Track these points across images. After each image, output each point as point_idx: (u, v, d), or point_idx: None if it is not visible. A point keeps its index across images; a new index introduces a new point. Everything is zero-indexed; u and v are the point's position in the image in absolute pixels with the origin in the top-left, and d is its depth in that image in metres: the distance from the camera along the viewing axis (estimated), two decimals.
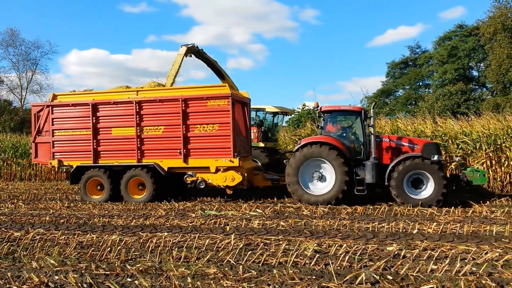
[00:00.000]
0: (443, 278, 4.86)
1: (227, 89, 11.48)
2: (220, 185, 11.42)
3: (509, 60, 28.02)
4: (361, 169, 10.76)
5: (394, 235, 7.15)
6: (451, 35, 42.52)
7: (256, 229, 7.76)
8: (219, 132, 11.30)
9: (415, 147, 10.99)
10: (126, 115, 11.95)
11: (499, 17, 29.92)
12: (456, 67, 39.20)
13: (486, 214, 8.96)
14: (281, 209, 10.08)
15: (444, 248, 6.25)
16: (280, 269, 5.26)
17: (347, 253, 5.95)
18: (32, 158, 13.14)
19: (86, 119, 12.25)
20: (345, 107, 11.64)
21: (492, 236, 6.93)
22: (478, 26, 35.09)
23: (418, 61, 46.85)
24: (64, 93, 13.62)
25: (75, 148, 12.44)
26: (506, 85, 31.15)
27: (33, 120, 12.88)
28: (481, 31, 32.26)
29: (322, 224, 8.04)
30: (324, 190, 10.69)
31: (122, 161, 12.04)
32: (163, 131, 11.72)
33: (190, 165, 11.56)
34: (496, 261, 5.49)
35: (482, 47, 36.70)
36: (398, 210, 9.53)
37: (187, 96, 11.54)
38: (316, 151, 10.64)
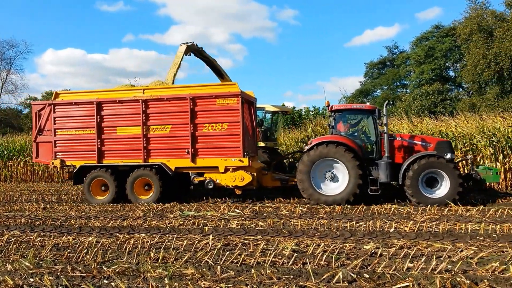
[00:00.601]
0: (419, 276, 4.92)
1: (237, 88, 11.29)
2: (229, 185, 11.26)
3: (484, 60, 28.64)
4: (374, 169, 10.63)
5: (371, 234, 7.23)
6: (428, 35, 43.36)
7: (234, 230, 7.75)
8: (228, 131, 11.15)
9: (428, 145, 10.93)
10: (132, 114, 11.72)
11: (475, 18, 30.59)
12: (433, 67, 39.99)
13: (462, 212, 9.13)
14: (260, 209, 10.08)
15: (420, 246, 6.35)
16: (258, 269, 5.26)
17: (325, 252, 5.99)
18: (33, 158, 12.80)
19: (90, 118, 11.97)
20: (357, 106, 11.67)
21: (467, 234, 7.06)
22: (455, 26, 35.84)
23: (396, 62, 47.63)
24: (66, 91, 13.25)
25: (78, 147, 12.12)
26: (482, 85, 31.89)
27: (34, 119, 12.52)
28: (457, 31, 32.93)
29: (301, 223, 8.07)
30: (336, 190, 10.55)
31: (128, 161, 11.77)
32: (170, 130, 11.53)
33: (198, 164, 11.37)
34: (471, 259, 5.59)
35: (459, 47, 37.52)
36: (375, 209, 9.64)
37: (195, 95, 11.37)
38: (328, 151, 10.48)
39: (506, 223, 7.68)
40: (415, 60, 42.07)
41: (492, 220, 8.16)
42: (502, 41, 27.67)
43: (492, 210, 9.07)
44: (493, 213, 8.86)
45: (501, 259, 5.55)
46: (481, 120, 15.27)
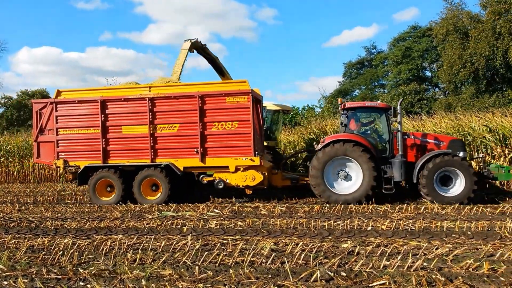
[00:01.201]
0: (395, 274, 4.99)
1: (247, 85, 11.09)
2: (239, 185, 11.05)
3: (460, 61, 29.27)
4: (388, 168, 10.52)
5: (349, 232, 7.30)
6: (405, 36, 44.08)
7: (213, 230, 7.71)
8: (238, 130, 10.94)
9: (441, 144, 10.92)
10: (138, 112, 11.40)
11: (451, 19, 31.25)
12: (410, 67, 40.69)
13: (438, 210, 9.29)
14: (239, 209, 10.07)
15: (396, 244, 6.44)
16: (236, 269, 5.25)
17: (303, 251, 6.01)
18: (34, 158, 12.32)
19: (94, 117, 11.61)
20: (370, 104, 11.53)
21: (442, 232, 7.19)
22: (431, 27, 36.55)
23: (374, 62, 48.28)
24: (69, 89, 12.58)
25: (82, 147, 11.73)
26: (458, 85, 32.61)
27: (35, 118, 12.06)
28: (434, 32, 33.59)
29: (280, 223, 8.09)
30: (350, 189, 10.45)
31: (134, 160, 11.45)
32: (178, 129, 11.23)
33: (207, 164, 11.13)
34: (446, 256, 5.70)
35: (435, 48, 38.29)
36: (353, 208, 9.73)
37: (204, 93, 11.10)
38: (342, 149, 10.37)
39: (480, 221, 7.86)
40: (393, 60, 42.75)
41: (467, 218, 8.33)
42: (478, 41, 28.35)
43: (467, 208, 9.27)
44: (468, 211, 9.05)
45: (475, 256, 5.67)
46: (456, 119, 15.62)
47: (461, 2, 33.58)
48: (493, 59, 27.78)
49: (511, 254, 5.63)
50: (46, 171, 19.90)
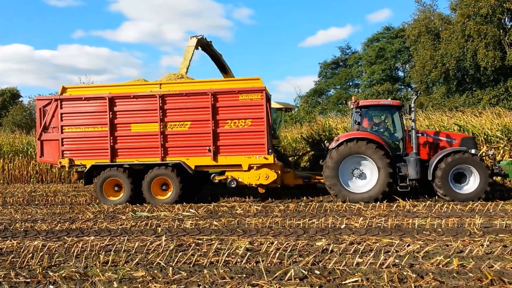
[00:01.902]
0: (367, 271, 5.06)
1: (261, 83, 10.99)
2: (252, 183, 10.92)
3: (432, 61, 29.94)
4: (403, 166, 10.54)
5: (324, 231, 7.37)
6: (379, 36, 44.86)
7: (188, 230, 7.65)
8: (252, 127, 10.82)
9: (453, 141, 11.00)
10: (148, 110, 11.14)
11: (423, 20, 31.93)
12: (383, 67, 41.43)
13: (409, 208, 9.47)
14: (215, 208, 10.02)
15: (369, 241, 6.53)
16: (211, 269, 5.22)
17: (278, 250, 6.03)
18: (37, 157, 11.85)
19: (102, 114, 11.27)
20: (384, 102, 11.54)
21: (414, 229, 7.33)
22: (404, 28, 37.28)
23: (348, 62, 48.95)
24: (74, 85, 12.13)
25: (88, 145, 11.36)
26: (429, 85, 33.38)
27: (38, 115, 11.59)
28: (407, 33, 34.26)
29: (255, 222, 8.10)
30: (364, 188, 10.43)
31: (144, 159, 11.17)
32: (190, 127, 11.03)
33: (219, 163, 10.94)
34: (417, 253, 5.81)
35: (408, 48, 39.06)
36: (328, 206, 9.83)
37: (216, 90, 10.94)
38: (356, 147, 10.33)
39: (450, 218, 8.06)
40: (367, 60, 43.44)
41: (437, 215, 8.53)
42: (448, 42, 29.06)
43: (438, 205, 9.50)
44: (439, 208, 9.27)
45: (446, 252, 5.82)
46: (427, 118, 16.01)
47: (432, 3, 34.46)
48: (463, 60, 28.54)
49: (479, 250, 5.80)
50: (16, 172, 19.32)
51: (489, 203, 9.63)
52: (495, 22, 27.46)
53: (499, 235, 6.70)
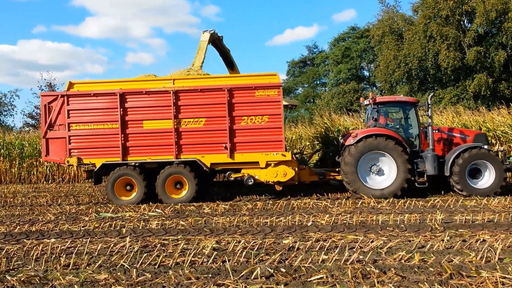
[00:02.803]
0: (332, 267, 5.11)
1: (278, 79, 10.92)
2: (269, 181, 10.81)
3: (395, 61, 30.71)
4: (420, 162, 10.65)
5: (291, 228, 7.40)
6: (344, 36, 45.66)
7: (154, 230, 7.49)
8: (268, 124, 10.69)
9: (467, 137, 11.19)
10: (161, 106, 10.81)
11: (387, 21, 32.71)
12: (349, 67, 42.19)
13: (374, 204, 9.67)
14: (182, 208, 9.89)
15: (335, 238, 6.62)
16: (176, 270, 5.13)
17: (245, 248, 6.01)
18: (43, 156, 11.23)
19: (112, 111, 10.84)
20: (400, 98, 11.63)
21: (378, 225, 7.48)
22: (369, 28, 38.08)
23: (316, 61, 49.58)
24: (82, 81, 11.56)
25: (98, 143, 10.90)
26: (393, 84, 34.24)
27: (43, 112, 11.02)
28: (371, 33, 35.00)
29: (222, 221, 8.05)
30: (382, 184, 10.51)
31: (157, 157, 10.83)
32: (205, 124, 10.78)
33: (236, 160, 10.76)
34: (380, 249, 5.93)
35: (372, 48, 39.96)
36: (295, 204, 9.90)
37: (232, 86, 10.74)
38: (375, 143, 10.39)
39: (413, 214, 8.29)
40: (333, 60, 44.12)
41: (400, 211, 8.75)
42: (411, 43, 29.88)
43: (401, 202, 9.75)
44: (402, 205, 9.52)
45: (408, 248, 5.97)
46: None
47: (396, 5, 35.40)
48: (425, 60, 29.43)
49: (440, 245, 5.98)
50: None
51: (450, 199, 9.98)
52: (454, 24, 28.47)
53: (458, 230, 6.93)
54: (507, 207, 8.91)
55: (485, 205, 9.25)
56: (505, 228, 7.00)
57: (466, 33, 28.41)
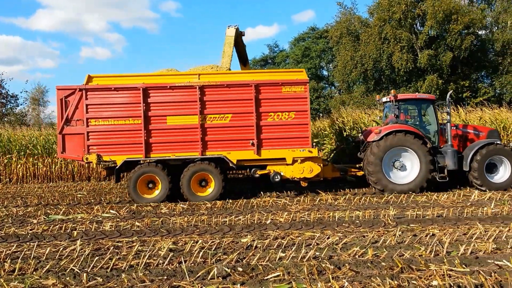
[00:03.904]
0: (289, 265, 5.14)
1: (305, 75, 10.82)
2: (296, 177, 10.77)
3: (352, 61, 31.47)
4: (440, 157, 10.95)
5: (249, 227, 7.39)
6: (304, 36, 46.32)
7: (107, 232, 7.24)
8: (295, 120, 10.63)
9: (480, 134, 11.60)
10: (186, 101, 10.52)
11: (344, 22, 33.43)
12: (309, 66, 42.80)
13: (331, 201, 9.85)
14: (138, 208, 9.62)
15: (293, 235, 6.67)
16: (130, 273, 4.98)
17: (203, 248, 5.93)
18: (58, 153, 10.64)
19: (134, 106, 10.44)
20: (421, 96, 11.92)
21: (335, 221, 7.62)
22: (327, 29, 38.79)
23: (277, 60, 49.94)
24: (101, 74, 10.90)
25: (118, 140, 10.45)
26: (350, 84, 35.10)
27: (59, 107, 10.40)
28: (330, 34, 35.67)
29: (180, 221, 7.91)
30: (406, 179, 10.77)
31: (181, 154, 10.52)
32: (231, 120, 10.58)
33: (263, 156, 10.63)
34: (336, 245, 6.03)
35: (331, 49, 40.72)
36: (254, 203, 9.90)
37: (259, 81, 10.62)
38: (401, 140, 10.63)
39: (367, 210, 8.51)
40: (293, 59, 44.62)
41: (356, 207, 8.96)
42: (367, 44, 30.69)
43: (356, 198, 9.98)
44: (358, 201, 9.74)
45: (362, 243, 6.10)
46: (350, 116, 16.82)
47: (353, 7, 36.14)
48: (380, 61, 30.33)
49: (392, 240, 6.16)
50: None
51: (402, 195, 10.32)
52: (407, 27, 29.52)
53: (410, 225, 7.17)
54: (455, 203, 9.32)
55: (435, 200, 9.64)
56: (453, 222, 7.32)
57: (418, 35, 29.51)
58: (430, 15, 27.92)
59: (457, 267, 4.81)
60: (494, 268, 4.86)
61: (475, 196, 9.85)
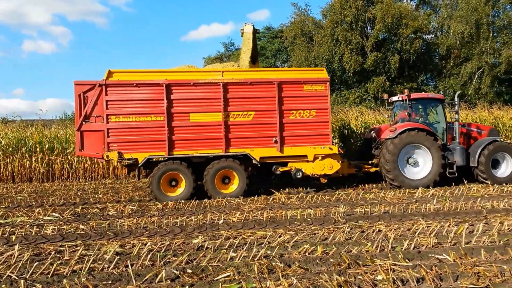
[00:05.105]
0: (240, 265, 5.11)
1: (326, 74, 11.08)
2: (316, 174, 11.00)
3: (306, 62, 32.01)
4: (449, 154, 11.52)
5: (201, 227, 7.29)
6: (260, 36, 46.51)
7: (49, 236, 6.87)
8: (316, 118, 10.83)
9: (482, 132, 12.29)
10: (209, 98, 10.46)
11: (299, 23, 33.97)
12: (264, 65, 43.04)
13: (284, 200, 9.93)
14: (84, 211, 9.20)
15: (245, 235, 6.64)
16: (72, 278, 4.75)
17: (151, 251, 5.77)
18: (76, 150, 10.26)
19: (157, 102, 10.24)
20: (432, 95, 12.57)
21: (287, 220, 7.68)
22: (282, 29, 39.24)
23: (232, 58, 49.85)
24: (122, 70, 10.32)
25: (140, 137, 10.21)
26: None
27: (77, 102, 10.01)
28: (285, 34, 36.12)
29: (129, 223, 7.65)
30: (419, 174, 11.26)
31: (204, 151, 10.44)
32: (254, 117, 10.63)
33: (285, 153, 10.75)
34: (287, 243, 6.07)
35: (286, 49, 41.23)
36: (207, 203, 9.80)
37: (282, 80, 10.75)
38: (416, 137, 11.12)
39: (319, 208, 8.64)
40: None
41: (308, 206, 9.07)
42: (320, 45, 31.36)
43: (309, 197, 10.12)
44: (310, 199, 9.88)
45: (312, 240, 6.19)
46: None
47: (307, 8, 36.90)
48: (332, 62, 31.08)
49: (341, 237, 6.29)
50: None
51: (352, 193, 10.59)
52: (358, 30, 30.44)
53: (358, 222, 7.36)
54: (401, 199, 9.68)
55: (382, 197, 9.96)
56: (398, 218, 7.60)
57: (368, 38, 30.50)
58: (379, 19, 28.94)
59: (401, 262, 4.98)
60: (435, 261, 5.08)
61: (419, 193, 10.28)
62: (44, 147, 15.78)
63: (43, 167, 15.48)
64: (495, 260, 5.07)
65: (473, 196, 9.76)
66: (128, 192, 11.98)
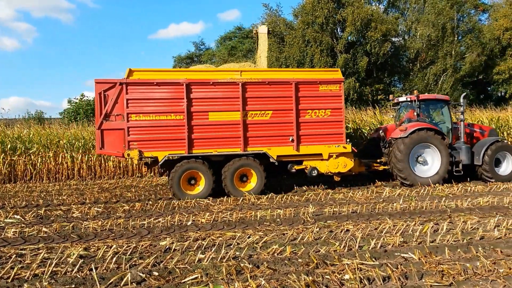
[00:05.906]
0: (208, 266, 5.05)
1: (340, 74, 11.38)
2: (331, 172, 11.27)
3: (277, 62, 32.11)
4: (455, 153, 11.93)
5: (169, 229, 7.18)
6: (231, 35, 46.54)
7: (10, 239, 6.60)
8: (331, 117, 11.12)
9: (484, 132, 12.85)
10: (228, 97, 10.61)
11: (270, 24, 34.06)
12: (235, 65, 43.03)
13: (254, 200, 9.91)
14: (47, 213, 8.89)
15: (213, 236, 6.58)
16: (33, 283, 4.57)
17: (117, 254, 5.64)
18: (96, 149, 10.23)
19: (176, 101, 10.37)
20: (440, 96, 12.90)
21: (256, 221, 7.66)
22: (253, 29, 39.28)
23: (203, 58, 49.61)
24: (142, 68, 10.43)
25: (160, 135, 10.31)
26: None
27: (98, 101, 10.03)
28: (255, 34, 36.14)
29: (94, 225, 7.45)
30: (427, 173, 11.62)
31: (223, 149, 10.58)
32: (271, 116, 10.85)
33: (301, 152, 11.01)
34: (256, 244, 6.05)
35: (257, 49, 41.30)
36: (176, 204, 9.66)
37: (299, 80, 11.00)
38: (426, 136, 11.50)
39: (288, 208, 8.66)
40: (220, 57, 44.58)
41: (278, 206, 9.09)
42: (291, 46, 31.55)
43: (278, 197, 10.15)
44: (279, 199, 9.91)
45: (281, 241, 6.19)
46: None
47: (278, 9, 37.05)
48: (303, 63, 31.33)
49: (310, 237, 6.32)
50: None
51: (321, 193, 10.70)
52: (329, 31, 30.84)
53: (327, 222, 7.43)
54: (368, 199, 9.85)
55: (350, 197, 10.11)
56: (366, 218, 7.72)
57: (339, 40, 30.94)
58: (349, 22, 29.40)
59: (368, 261, 5.05)
60: (401, 260, 5.18)
61: (386, 193, 10.49)
62: (6, 147, 15.21)
63: (5, 168, 14.90)
64: (458, 258, 5.22)
65: (438, 196, 10.04)
66: (93, 193, 11.67)
